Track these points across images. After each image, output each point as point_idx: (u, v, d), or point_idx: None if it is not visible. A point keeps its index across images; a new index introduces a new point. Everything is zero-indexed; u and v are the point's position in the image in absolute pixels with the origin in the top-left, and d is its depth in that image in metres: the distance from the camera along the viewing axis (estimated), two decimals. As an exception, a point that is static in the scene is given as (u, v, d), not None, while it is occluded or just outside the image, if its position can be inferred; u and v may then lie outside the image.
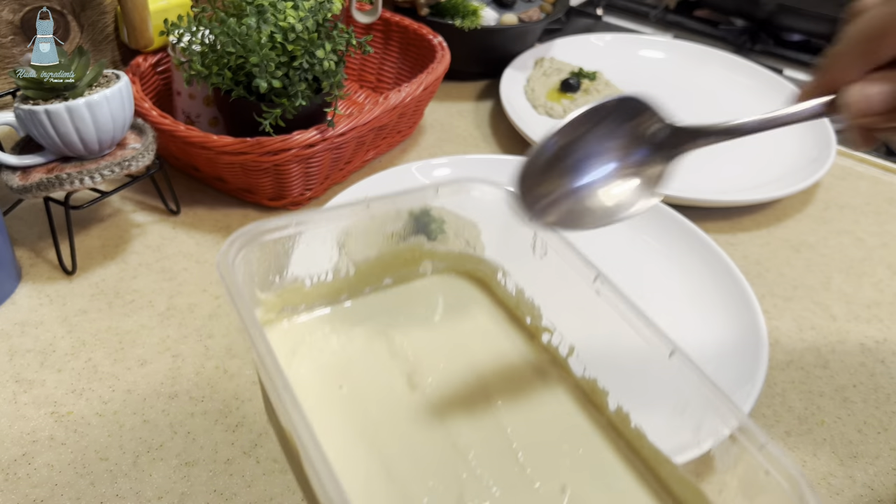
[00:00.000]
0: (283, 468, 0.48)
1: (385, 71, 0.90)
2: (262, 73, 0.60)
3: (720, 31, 1.18)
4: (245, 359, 0.55)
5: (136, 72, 0.72)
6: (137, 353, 0.55)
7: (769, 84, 0.96)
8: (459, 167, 0.73)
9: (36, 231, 0.65)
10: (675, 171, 0.35)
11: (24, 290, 0.59)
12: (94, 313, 0.58)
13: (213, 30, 0.62)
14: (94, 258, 0.63)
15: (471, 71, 0.97)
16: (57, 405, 0.50)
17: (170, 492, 0.46)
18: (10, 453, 0.47)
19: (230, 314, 0.58)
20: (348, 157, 0.72)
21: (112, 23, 0.76)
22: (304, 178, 0.68)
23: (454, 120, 0.89)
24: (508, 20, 0.93)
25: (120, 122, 0.58)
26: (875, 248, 0.72)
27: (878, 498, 0.49)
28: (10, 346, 0.54)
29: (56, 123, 0.55)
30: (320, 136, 0.64)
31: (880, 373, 0.58)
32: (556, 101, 0.90)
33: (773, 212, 0.76)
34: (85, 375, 0.53)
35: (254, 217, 0.70)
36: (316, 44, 0.61)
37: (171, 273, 0.62)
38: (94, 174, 0.56)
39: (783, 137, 0.83)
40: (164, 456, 0.48)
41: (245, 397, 0.52)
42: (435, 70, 0.76)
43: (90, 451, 0.48)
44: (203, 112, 0.73)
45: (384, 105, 0.69)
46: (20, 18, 0.68)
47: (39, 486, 0.45)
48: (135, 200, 0.70)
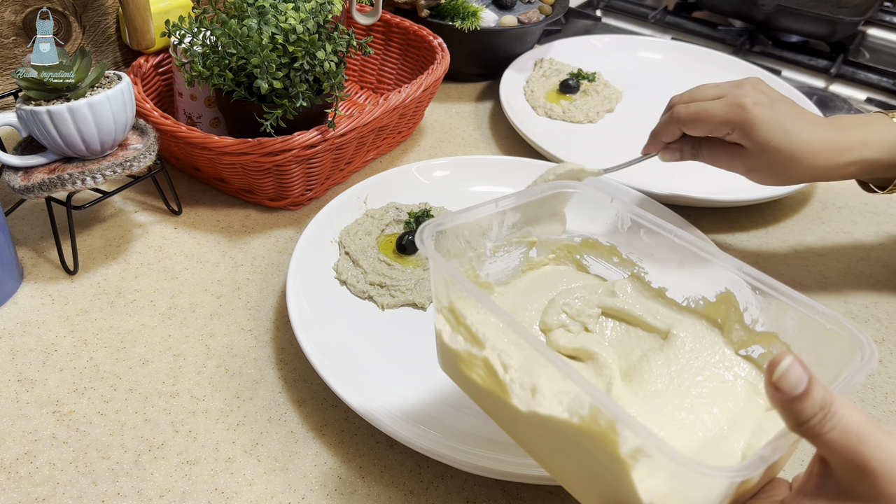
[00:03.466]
0: (283, 467, 0.48)
1: (385, 72, 0.90)
2: (263, 74, 0.60)
3: (719, 32, 1.18)
4: (246, 358, 0.55)
5: (137, 73, 0.72)
6: (139, 352, 0.55)
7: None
8: (459, 168, 0.74)
9: (38, 231, 0.66)
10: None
11: (27, 289, 0.60)
12: (95, 313, 0.58)
13: (215, 31, 0.62)
14: (96, 258, 0.63)
15: (470, 72, 0.97)
16: (59, 404, 0.51)
17: (171, 490, 0.46)
18: (12, 452, 0.47)
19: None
20: (349, 157, 0.72)
21: (114, 24, 0.76)
22: (304, 179, 0.68)
23: (454, 121, 0.89)
24: (508, 21, 0.93)
25: (121, 122, 0.58)
26: (873, 248, 0.73)
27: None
28: (13, 346, 0.55)
29: (58, 124, 0.55)
30: (321, 137, 0.64)
31: (878, 372, 0.59)
32: (555, 102, 0.90)
33: (771, 212, 0.77)
34: (87, 374, 0.53)
35: (255, 217, 0.70)
36: (317, 45, 0.62)
37: (172, 273, 0.62)
38: (96, 174, 0.57)
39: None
40: (165, 454, 0.48)
41: (246, 396, 0.52)
42: (435, 71, 0.76)
43: (92, 450, 0.48)
44: (204, 113, 0.73)
45: (384, 106, 0.69)
46: (22, 19, 0.68)
47: (41, 485, 0.46)
48: (136, 201, 0.70)
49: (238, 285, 0.62)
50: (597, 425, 0.33)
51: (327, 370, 0.50)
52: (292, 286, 0.57)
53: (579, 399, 0.33)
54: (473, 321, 0.38)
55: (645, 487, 0.32)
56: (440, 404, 0.51)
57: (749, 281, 0.40)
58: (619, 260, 0.47)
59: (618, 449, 0.32)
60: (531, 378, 0.36)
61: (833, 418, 0.30)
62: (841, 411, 0.30)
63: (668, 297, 0.45)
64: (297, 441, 0.50)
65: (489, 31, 0.91)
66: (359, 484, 0.47)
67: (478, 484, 0.48)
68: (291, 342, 0.57)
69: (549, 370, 0.35)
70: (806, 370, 0.30)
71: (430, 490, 0.47)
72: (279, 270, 0.64)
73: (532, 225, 0.48)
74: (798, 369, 0.30)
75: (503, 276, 0.48)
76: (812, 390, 0.30)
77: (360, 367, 0.53)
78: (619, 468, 0.32)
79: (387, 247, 0.64)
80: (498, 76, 0.92)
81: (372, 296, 0.60)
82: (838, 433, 0.30)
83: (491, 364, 0.37)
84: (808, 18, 1.09)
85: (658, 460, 0.31)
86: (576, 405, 0.34)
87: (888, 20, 1.24)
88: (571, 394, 0.34)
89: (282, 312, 0.59)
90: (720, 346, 0.42)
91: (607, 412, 0.32)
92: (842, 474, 0.32)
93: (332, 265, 0.62)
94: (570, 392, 0.34)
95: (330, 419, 0.51)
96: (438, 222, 0.42)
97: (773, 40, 1.17)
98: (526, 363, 0.36)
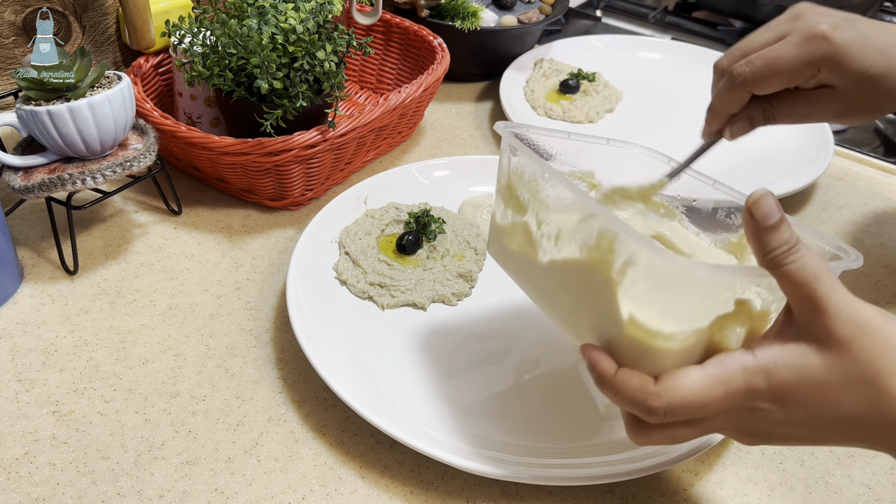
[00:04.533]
0: (283, 467, 0.48)
1: (385, 72, 0.90)
2: (263, 74, 0.60)
3: (719, 32, 1.18)
4: (246, 358, 0.55)
5: (137, 73, 0.72)
6: (139, 352, 0.55)
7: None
8: (459, 168, 0.74)
9: (38, 231, 0.66)
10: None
11: (27, 289, 0.60)
12: (95, 313, 0.58)
13: (215, 31, 0.62)
14: (96, 258, 0.63)
15: (470, 72, 0.97)
16: (59, 404, 0.51)
17: (171, 490, 0.46)
18: (11, 452, 0.47)
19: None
20: (349, 157, 0.72)
21: (114, 24, 0.76)
22: (304, 179, 0.68)
23: (454, 121, 0.89)
24: (508, 22, 0.93)
25: (121, 122, 0.58)
26: (872, 248, 0.73)
27: (875, 497, 0.49)
28: (13, 346, 0.55)
29: (58, 124, 0.55)
30: (321, 137, 0.64)
31: (878, 372, 0.59)
32: (555, 102, 0.90)
33: (772, 212, 0.77)
34: (87, 375, 0.53)
35: (255, 217, 0.70)
36: (317, 45, 0.62)
37: (172, 273, 0.62)
38: (96, 174, 0.57)
39: (782, 138, 0.83)
40: (165, 455, 0.48)
41: (246, 396, 0.52)
42: (435, 71, 0.76)
43: (92, 450, 0.48)
44: (204, 113, 0.73)
45: (384, 106, 0.69)
46: (22, 19, 0.68)
47: (41, 485, 0.46)
48: (136, 201, 0.70)
49: (238, 285, 0.62)
50: (599, 252, 0.37)
51: (327, 370, 0.50)
52: (292, 286, 0.57)
53: (590, 229, 0.38)
54: (522, 193, 0.45)
55: (627, 303, 0.36)
56: (441, 404, 0.51)
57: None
58: (666, 211, 0.51)
59: (611, 270, 0.36)
60: (557, 225, 0.42)
61: (795, 254, 0.33)
62: (804, 251, 0.34)
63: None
64: (297, 441, 0.50)
65: (489, 31, 0.91)
66: (359, 484, 0.47)
67: (478, 484, 0.48)
68: (291, 342, 0.57)
69: (573, 216, 0.40)
70: (780, 209, 0.34)
71: (430, 490, 0.47)
72: (279, 270, 0.64)
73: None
74: (772, 201, 0.34)
75: (559, 205, 0.49)
76: (781, 226, 0.34)
77: (361, 367, 0.53)
78: (609, 289, 0.37)
79: (387, 247, 0.64)
80: (498, 76, 0.92)
81: (372, 296, 0.60)
82: (797, 267, 0.33)
83: (528, 226, 0.44)
84: (808, 18, 1.09)
85: (641, 265, 0.35)
86: (586, 237, 0.38)
87: (888, 20, 1.24)
88: (584, 228, 0.39)
89: (282, 312, 0.59)
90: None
91: (610, 224, 0.36)
92: (798, 313, 0.34)
93: (332, 265, 0.62)
94: (584, 227, 0.39)
95: (330, 419, 0.51)
96: (515, 125, 0.48)
97: (773, 40, 1.17)
98: (557, 213, 0.42)
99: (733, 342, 0.37)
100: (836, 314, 0.33)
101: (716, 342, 0.37)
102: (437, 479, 0.48)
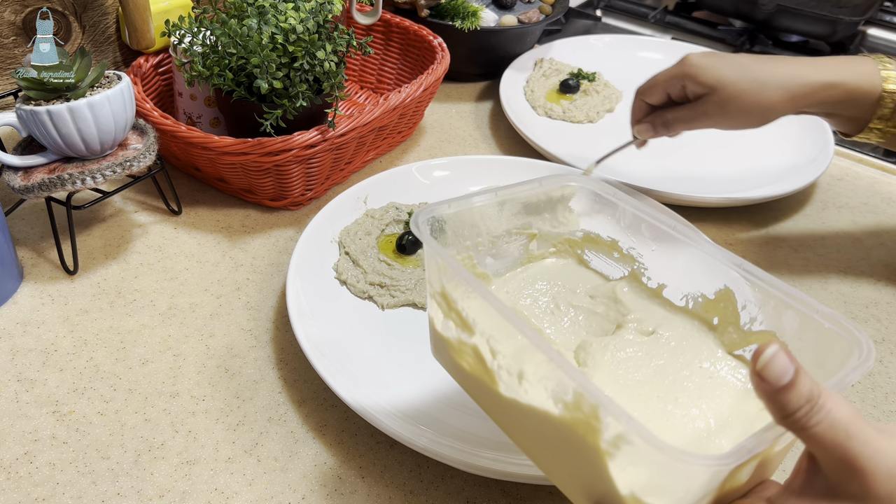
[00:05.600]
0: (283, 467, 0.48)
1: (385, 72, 0.90)
2: (263, 74, 0.60)
3: (719, 32, 1.18)
4: (246, 358, 0.55)
5: (137, 73, 0.72)
6: (139, 352, 0.55)
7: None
8: (459, 168, 0.74)
9: (38, 231, 0.66)
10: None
11: (26, 289, 0.60)
12: (95, 313, 0.58)
13: (215, 31, 0.62)
14: (96, 258, 0.63)
15: (470, 72, 0.97)
16: (59, 404, 0.51)
17: (171, 490, 0.46)
18: (11, 452, 0.47)
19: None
20: (349, 157, 0.72)
21: (113, 24, 0.76)
22: (304, 179, 0.68)
23: (454, 121, 0.89)
24: (508, 21, 0.93)
25: (121, 122, 0.58)
26: (873, 248, 0.73)
27: (875, 496, 0.49)
28: (12, 346, 0.55)
29: (58, 124, 0.55)
30: (321, 137, 0.64)
31: (878, 372, 0.59)
32: (555, 102, 0.90)
33: (772, 212, 0.77)
34: (86, 375, 0.53)
35: (255, 217, 0.70)
36: (317, 45, 0.62)
37: (172, 273, 0.62)
38: (96, 174, 0.57)
39: (782, 138, 0.83)
40: (165, 455, 0.48)
41: (246, 396, 0.52)
42: (435, 71, 0.76)
43: (92, 450, 0.48)
44: (204, 113, 0.73)
45: (384, 106, 0.69)
46: (22, 19, 0.68)
47: (41, 485, 0.46)
48: (136, 201, 0.70)
49: (238, 285, 0.62)
50: (580, 413, 0.32)
51: (327, 370, 0.50)
52: (292, 286, 0.57)
53: (563, 385, 0.33)
54: (464, 307, 0.38)
55: (624, 478, 0.32)
56: (440, 404, 0.51)
57: (748, 278, 0.40)
58: (620, 255, 0.47)
59: (599, 438, 0.31)
60: (518, 364, 0.36)
61: (820, 411, 0.29)
62: (829, 405, 0.29)
63: (664, 297, 0.45)
64: (297, 441, 0.50)
65: (489, 31, 0.91)
66: (359, 484, 0.47)
67: (478, 484, 0.48)
68: (291, 342, 0.57)
69: (536, 356, 0.34)
70: (792, 360, 0.29)
71: (430, 490, 0.47)
72: (279, 270, 0.64)
73: (534, 217, 0.48)
74: (783, 358, 0.29)
75: (502, 267, 0.48)
76: (798, 381, 0.29)
77: (360, 367, 0.53)
78: (598, 459, 0.32)
79: (387, 247, 0.64)
80: (498, 76, 0.92)
81: (372, 296, 0.60)
82: (825, 427, 0.29)
83: (479, 351, 0.38)
84: (809, 18, 1.09)
85: (639, 448, 0.30)
86: (560, 391, 0.33)
87: (888, 20, 1.24)
88: (556, 379, 0.33)
89: (282, 312, 0.59)
90: (711, 345, 0.42)
91: (591, 397, 0.31)
92: (829, 471, 0.30)
93: (332, 265, 0.62)
94: (555, 378, 0.33)
95: (330, 419, 0.51)
96: (434, 208, 0.42)
97: (773, 40, 1.17)
98: (513, 349, 0.36)
99: (745, 475, 0.34)
100: (875, 472, 0.29)
101: (727, 490, 0.33)
102: (437, 479, 0.48)
